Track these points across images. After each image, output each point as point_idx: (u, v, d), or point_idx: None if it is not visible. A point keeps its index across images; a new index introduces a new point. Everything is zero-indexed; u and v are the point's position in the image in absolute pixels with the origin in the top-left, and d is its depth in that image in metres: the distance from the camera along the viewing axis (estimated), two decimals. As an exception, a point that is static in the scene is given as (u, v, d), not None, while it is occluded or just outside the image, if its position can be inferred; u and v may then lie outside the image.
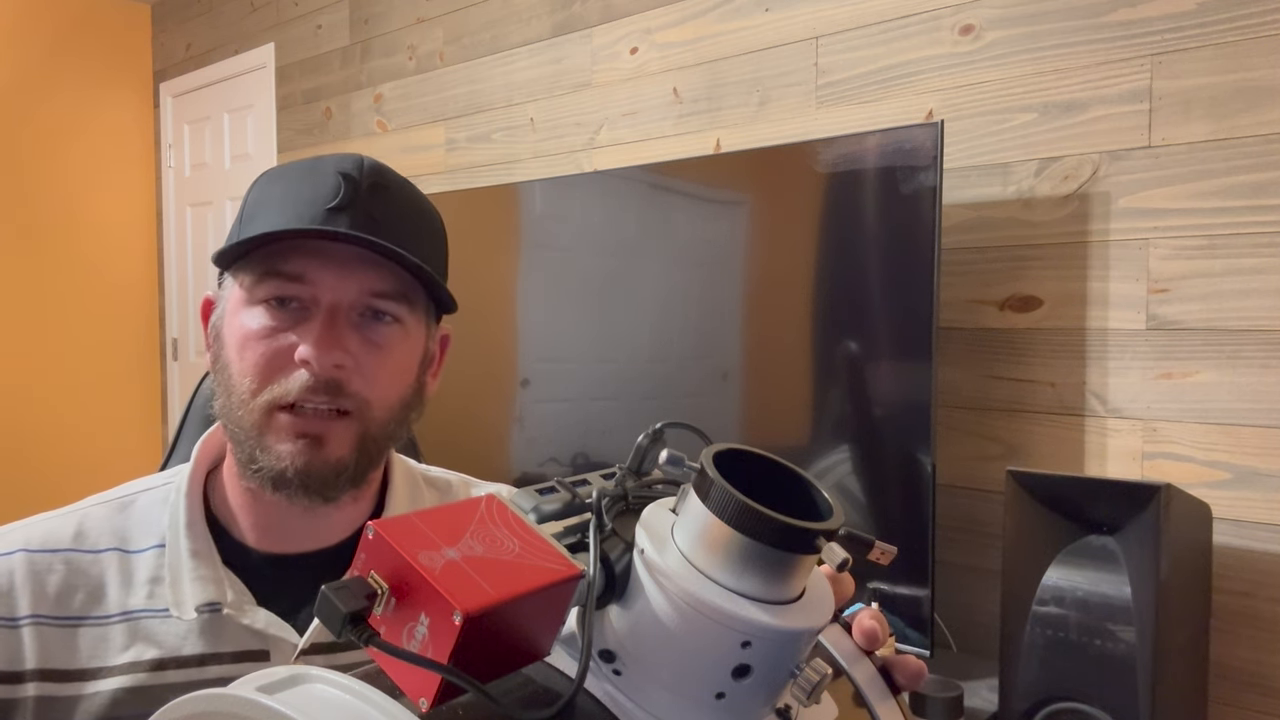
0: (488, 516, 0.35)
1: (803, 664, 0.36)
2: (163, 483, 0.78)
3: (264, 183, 0.74)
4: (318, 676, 0.32)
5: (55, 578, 0.72)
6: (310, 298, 0.69)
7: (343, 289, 0.69)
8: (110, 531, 0.75)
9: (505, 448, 2.24)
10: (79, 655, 0.70)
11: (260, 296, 0.70)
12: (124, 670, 0.70)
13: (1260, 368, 1.45)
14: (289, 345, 0.69)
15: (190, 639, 0.71)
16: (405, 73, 2.85)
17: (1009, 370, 1.68)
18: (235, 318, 0.71)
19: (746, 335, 1.80)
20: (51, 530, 0.74)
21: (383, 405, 0.72)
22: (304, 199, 0.69)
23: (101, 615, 0.72)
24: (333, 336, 0.68)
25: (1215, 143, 1.48)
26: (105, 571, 0.73)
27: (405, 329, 0.73)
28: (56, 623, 0.71)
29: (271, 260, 0.69)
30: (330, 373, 0.68)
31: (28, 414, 3.69)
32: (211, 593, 0.71)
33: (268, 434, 0.69)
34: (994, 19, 1.69)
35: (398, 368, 0.73)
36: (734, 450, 0.37)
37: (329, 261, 0.69)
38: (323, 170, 0.70)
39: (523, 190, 2.20)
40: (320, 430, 0.69)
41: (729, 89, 2.07)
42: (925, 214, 1.52)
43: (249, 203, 0.73)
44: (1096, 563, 1.27)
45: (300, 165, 0.73)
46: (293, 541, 0.75)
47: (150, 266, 4.06)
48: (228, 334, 0.72)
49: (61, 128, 3.77)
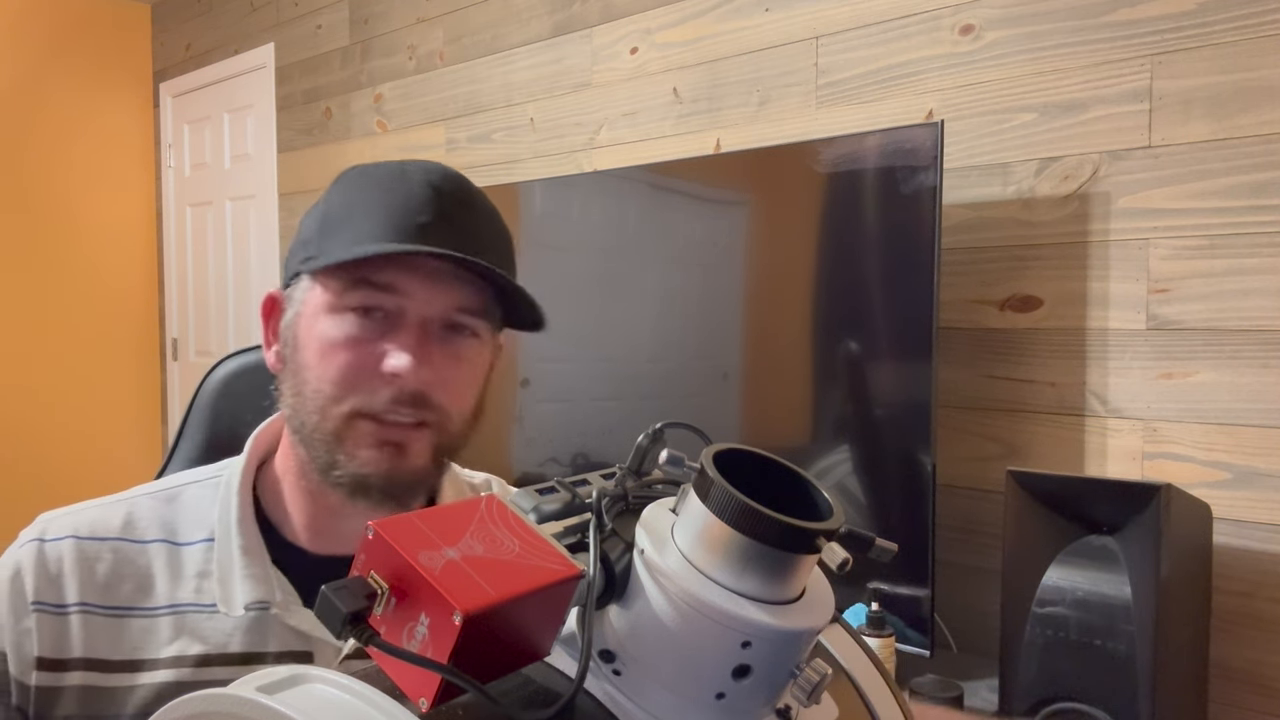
0: (488, 516, 0.35)
1: (803, 664, 0.36)
2: (210, 476, 0.78)
3: (349, 185, 0.73)
4: (317, 676, 0.32)
5: (104, 566, 0.72)
6: (398, 309, 0.69)
7: (432, 303, 0.70)
8: (158, 522, 0.75)
9: (505, 448, 2.24)
10: (125, 646, 0.71)
11: (348, 304, 0.69)
12: (169, 664, 0.70)
13: (1260, 368, 1.45)
14: (376, 355, 0.69)
15: (236, 636, 0.71)
16: (405, 73, 2.85)
17: (1009, 370, 1.68)
18: (316, 322, 0.70)
19: (747, 335, 1.80)
20: (100, 518, 0.74)
21: (459, 416, 0.73)
22: (396, 208, 0.69)
23: (149, 607, 0.72)
24: (424, 351, 0.69)
25: (1215, 143, 1.48)
26: (153, 562, 0.73)
27: (482, 342, 0.74)
28: (104, 612, 0.71)
29: (362, 269, 0.69)
30: (419, 386, 0.69)
31: (28, 414, 3.69)
32: (261, 591, 0.71)
33: (348, 440, 0.69)
34: (994, 19, 1.69)
35: (473, 379, 0.74)
36: (734, 450, 0.37)
37: (419, 274, 0.69)
38: (409, 179, 0.71)
39: (523, 190, 2.20)
40: (402, 439, 0.70)
41: (729, 89, 2.07)
42: (925, 214, 1.52)
43: (333, 206, 0.72)
44: (1096, 563, 1.27)
45: (386, 170, 0.73)
46: (343, 543, 0.75)
47: (150, 266, 4.06)
48: (306, 338, 0.71)
49: (61, 128, 3.77)
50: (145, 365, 4.06)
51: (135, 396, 4.02)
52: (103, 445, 3.88)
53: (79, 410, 3.83)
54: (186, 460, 1.01)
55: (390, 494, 0.70)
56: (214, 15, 3.67)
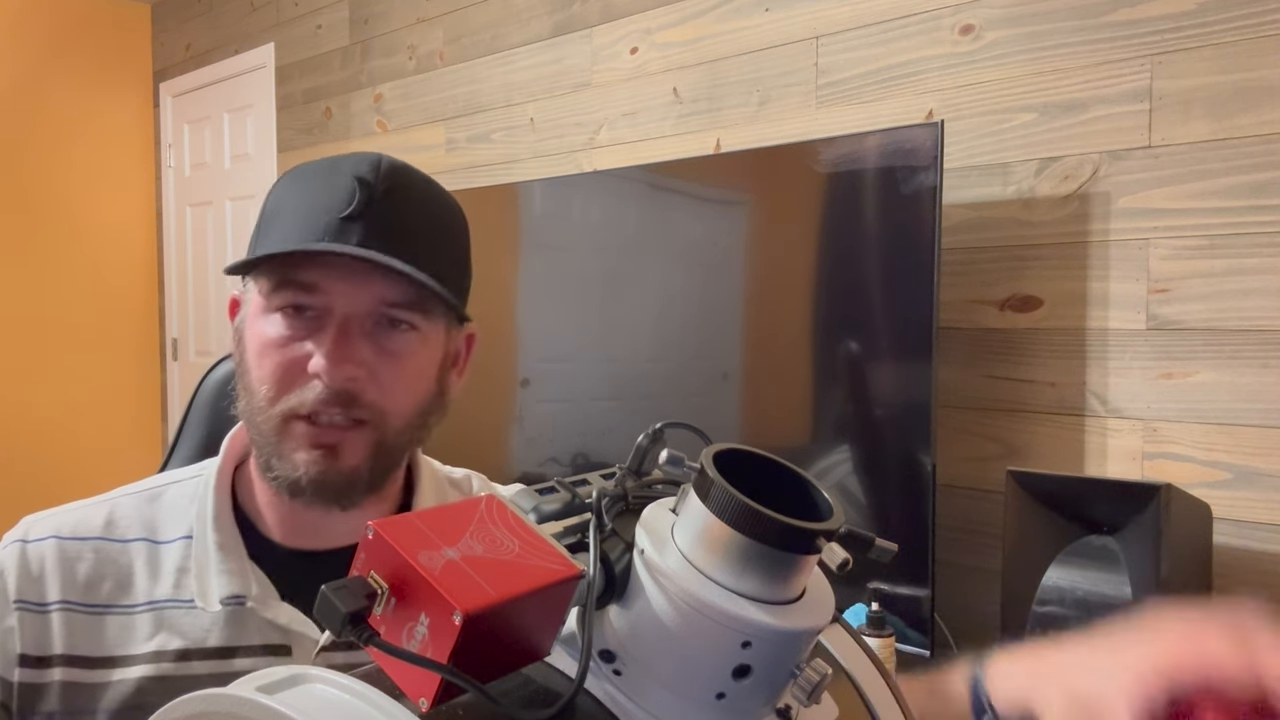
0: (487, 516, 0.35)
1: (803, 664, 0.36)
2: (191, 476, 0.80)
3: (283, 185, 0.74)
4: (317, 676, 0.32)
5: (85, 565, 0.73)
6: (324, 307, 0.69)
7: (356, 299, 0.69)
8: (140, 522, 0.76)
9: (505, 448, 2.24)
10: (105, 642, 0.72)
11: (276, 304, 0.70)
12: (149, 659, 0.71)
13: (1260, 368, 1.45)
14: (304, 355, 0.69)
15: (215, 631, 0.72)
16: (405, 73, 2.85)
17: (1009, 370, 1.68)
18: (255, 323, 0.71)
19: (747, 335, 1.80)
20: (82, 519, 0.76)
21: (399, 413, 0.72)
22: (319, 206, 0.69)
23: (128, 604, 0.73)
24: (345, 349, 0.68)
25: (1215, 143, 1.48)
26: (134, 561, 0.74)
27: (422, 335, 0.72)
28: (84, 609, 0.72)
29: (286, 269, 0.69)
30: (343, 385, 0.68)
31: (28, 413, 3.69)
32: (236, 585, 0.72)
33: (285, 442, 0.70)
34: (994, 19, 1.69)
35: (414, 375, 0.73)
36: (734, 450, 0.37)
37: (343, 271, 0.69)
38: (340, 172, 0.70)
39: (523, 190, 2.20)
40: (335, 440, 0.70)
41: (729, 89, 2.07)
42: (925, 214, 1.52)
43: (268, 205, 0.73)
44: (1096, 563, 1.27)
45: (319, 166, 0.73)
46: (317, 538, 0.76)
47: (150, 266, 4.06)
48: (249, 339, 0.72)
49: (61, 128, 3.77)
50: (145, 365, 4.06)
51: (135, 396, 4.02)
52: (103, 445, 3.88)
53: (79, 410, 3.83)
54: (185, 460, 1.01)
55: (323, 495, 0.70)
56: (214, 15, 3.67)
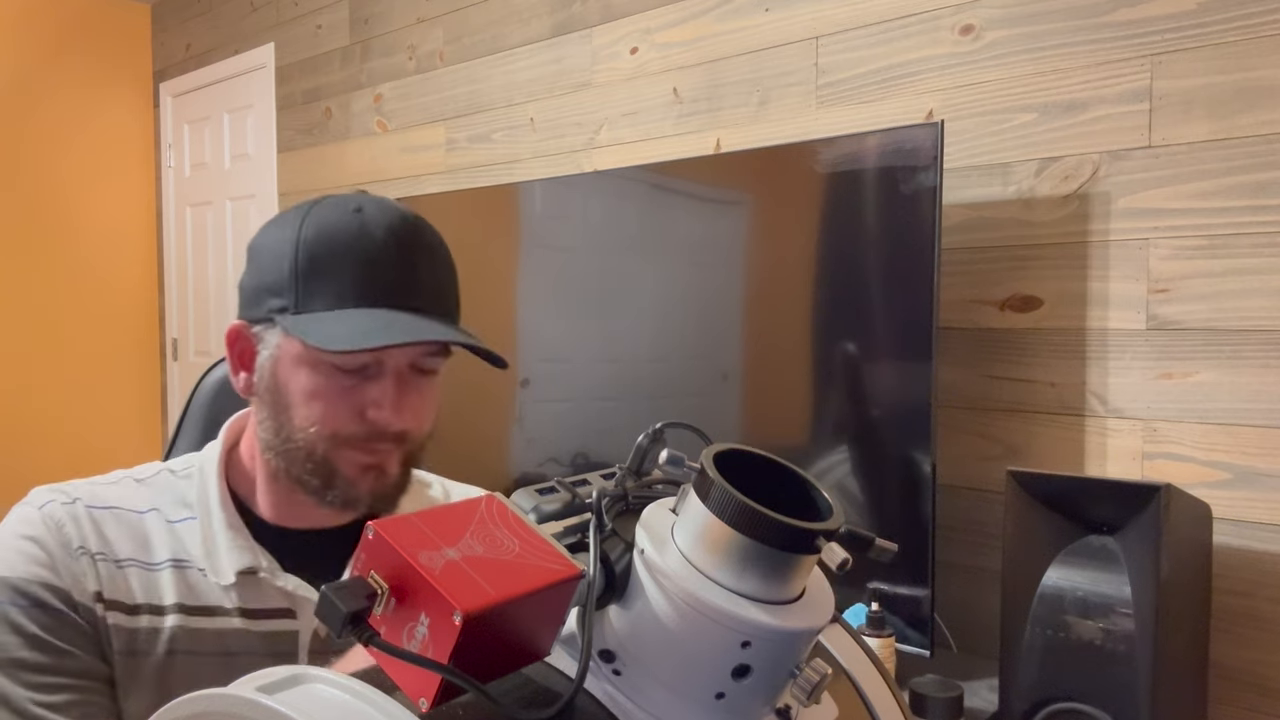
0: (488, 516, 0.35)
1: (803, 664, 0.36)
2: (184, 466, 0.86)
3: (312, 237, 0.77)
4: (317, 676, 0.32)
5: (107, 527, 0.80)
6: (376, 361, 0.78)
7: (404, 355, 0.79)
8: (146, 498, 0.83)
9: (505, 448, 2.24)
10: (133, 593, 0.78)
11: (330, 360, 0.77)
12: (174, 610, 0.78)
13: (1260, 368, 1.45)
14: (360, 402, 0.78)
15: (230, 596, 0.80)
16: (405, 73, 2.85)
17: (1009, 370, 1.68)
18: (298, 371, 0.78)
19: (746, 335, 1.80)
20: (98, 492, 0.82)
21: (423, 431, 0.84)
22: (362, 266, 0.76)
23: (149, 561, 0.80)
24: (403, 399, 0.79)
25: (1215, 143, 1.48)
26: (150, 528, 0.81)
27: (439, 372, 0.84)
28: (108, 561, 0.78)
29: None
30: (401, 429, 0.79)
31: (28, 414, 3.69)
32: (249, 560, 0.80)
33: (337, 466, 0.78)
34: (994, 19, 1.69)
35: (435, 403, 0.85)
36: (734, 450, 0.37)
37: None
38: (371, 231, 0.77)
39: (523, 190, 2.20)
40: (382, 461, 0.80)
41: (729, 89, 2.07)
42: (925, 214, 1.52)
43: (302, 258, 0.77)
44: (1096, 563, 1.27)
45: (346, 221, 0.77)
46: (306, 519, 0.84)
47: (150, 266, 4.06)
48: (287, 383, 0.78)
49: (61, 128, 3.77)
50: (145, 365, 4.06)
51: (135, 396, 4.02)
52: (103, 445, 3.88)
53: (79, 410, 3.83)
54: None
55: (377, 504, 0.81)
56: (214, 15, 3.67)
